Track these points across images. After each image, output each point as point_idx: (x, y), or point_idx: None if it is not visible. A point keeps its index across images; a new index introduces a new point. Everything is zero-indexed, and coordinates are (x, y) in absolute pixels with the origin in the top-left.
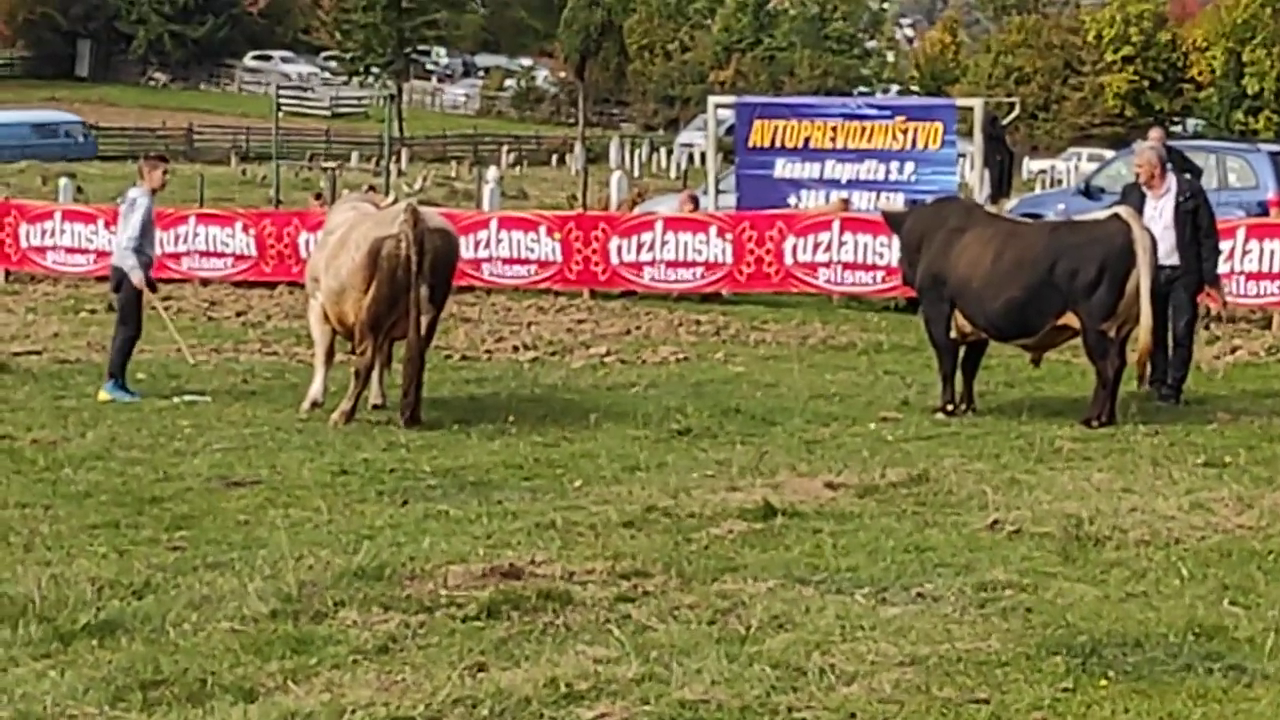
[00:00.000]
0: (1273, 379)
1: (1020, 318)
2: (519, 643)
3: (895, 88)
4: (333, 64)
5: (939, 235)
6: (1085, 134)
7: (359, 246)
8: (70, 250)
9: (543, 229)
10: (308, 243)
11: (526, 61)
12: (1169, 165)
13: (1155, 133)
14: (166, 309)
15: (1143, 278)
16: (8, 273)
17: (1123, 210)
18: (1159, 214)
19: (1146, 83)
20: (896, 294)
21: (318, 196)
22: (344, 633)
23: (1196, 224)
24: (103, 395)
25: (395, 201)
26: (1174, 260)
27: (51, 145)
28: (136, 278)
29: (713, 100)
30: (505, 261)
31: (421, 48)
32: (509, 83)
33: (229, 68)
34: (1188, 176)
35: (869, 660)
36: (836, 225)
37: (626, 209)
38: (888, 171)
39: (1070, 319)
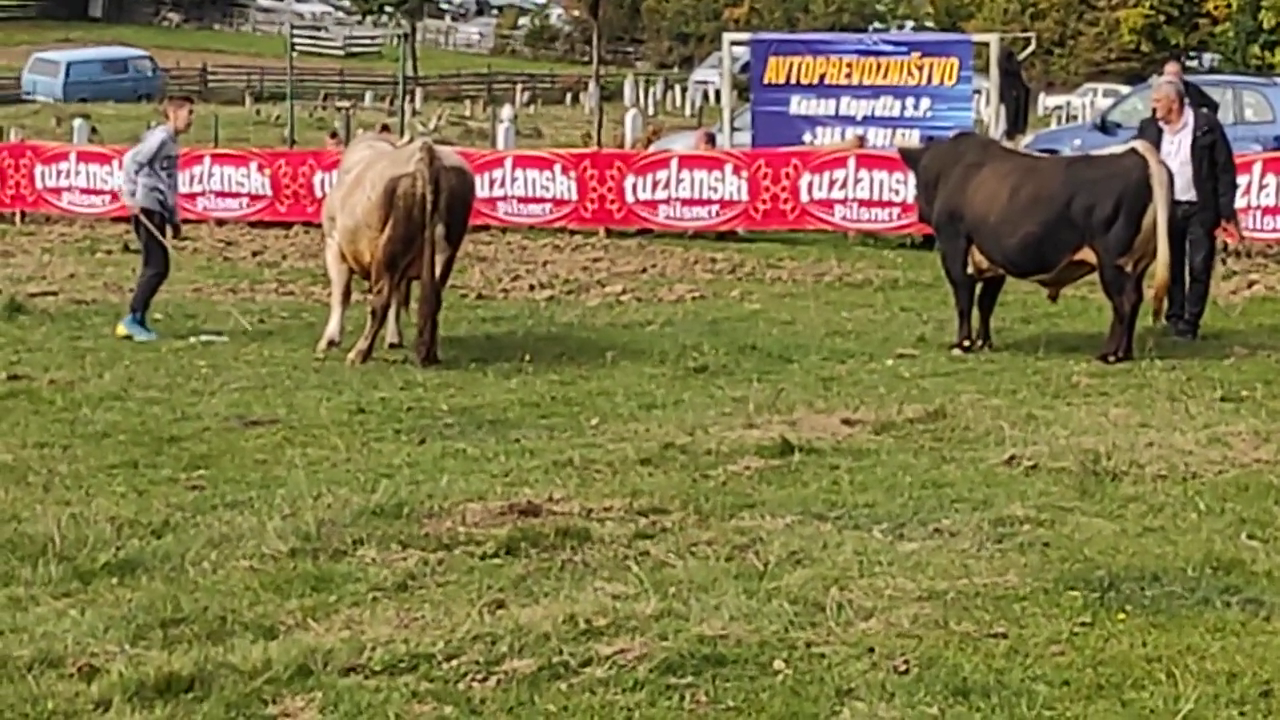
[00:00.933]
0: None
1: (1037, 253)
2: (537, 580)
3: (910, 23)
4: (346, 3)
5: (955, 171)
6: (1101, 69)
7: (375, 185)
8: (85, 191)
9: (558, 167)
10: (323, 182)
11: (540, 0)
12: (1186, 100)
13: (1171, 67)
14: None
15: (1160, 213)
16: (23, 213)
17: (1139, 145)
18: (1176, 149)
19: (1162, 17)
20: (912, 230)
21: (333, 135)
22: (363, 570)
23: (1213, 159)
24: (120, 329)
25: (411, 141)
26: (1191, 195)
27: (122, 82)
28: (129, 202)
29: (728, 37)
30: (520, 200)
31: None
32: (523, 21)
33: (243, 7)
34: (1205, 111)
35: (887, 595)
36: (852, 162)
37: (642, 147)
38: (903, 108)
39: (1087, 254)
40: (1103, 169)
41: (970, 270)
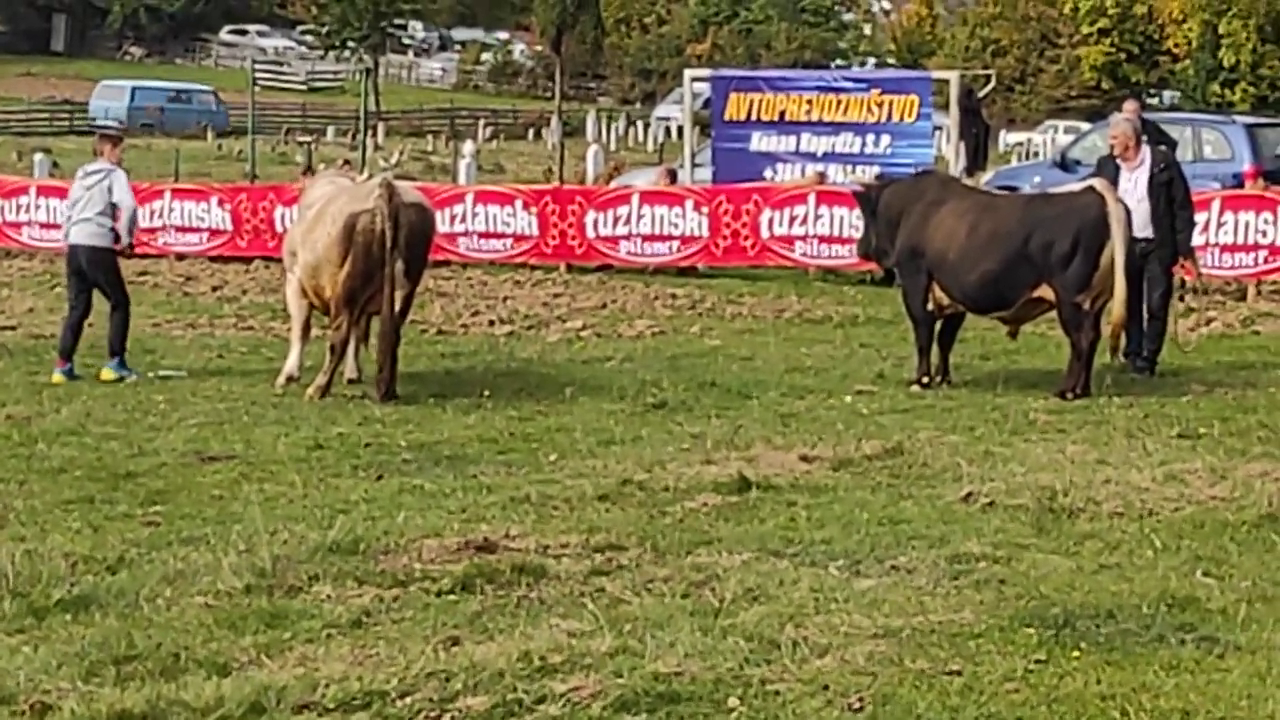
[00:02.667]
0: (1247, 350)
1: (995, 290)
2: (493, 616)
3: (872, 60)
4: (309, 38)
5: (917, 208)
6: (1061, 106)
7: (334, 221)
8: (45, 225)
9: (519, 203)
10: (284, 217)
11: (503, 35)
12: (1143, 137)
13: (1130, 105)
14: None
15: (1117, 250)
16: None
17: (1097, 182)
18: (1134, 186)
19: (1123, 55)
20: (872, 267)
21: (306, 171)
22: (318, 607)
23: (1171, 196)
24: (106, 374)
25: (371, 177)
26: (1148, 233)
27: (186, 113)
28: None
29: (689, 74)
30: (481, 235)
31: (398, 21)
32: (485, 56)
33: (205, 42)
34: (1162, 148)
35: (842, 632)
36: (812, 198)
37: (603, 183)
38: (863, 144)
39: (1045, 291)
40: (1060, 206)
41: (931, 307)
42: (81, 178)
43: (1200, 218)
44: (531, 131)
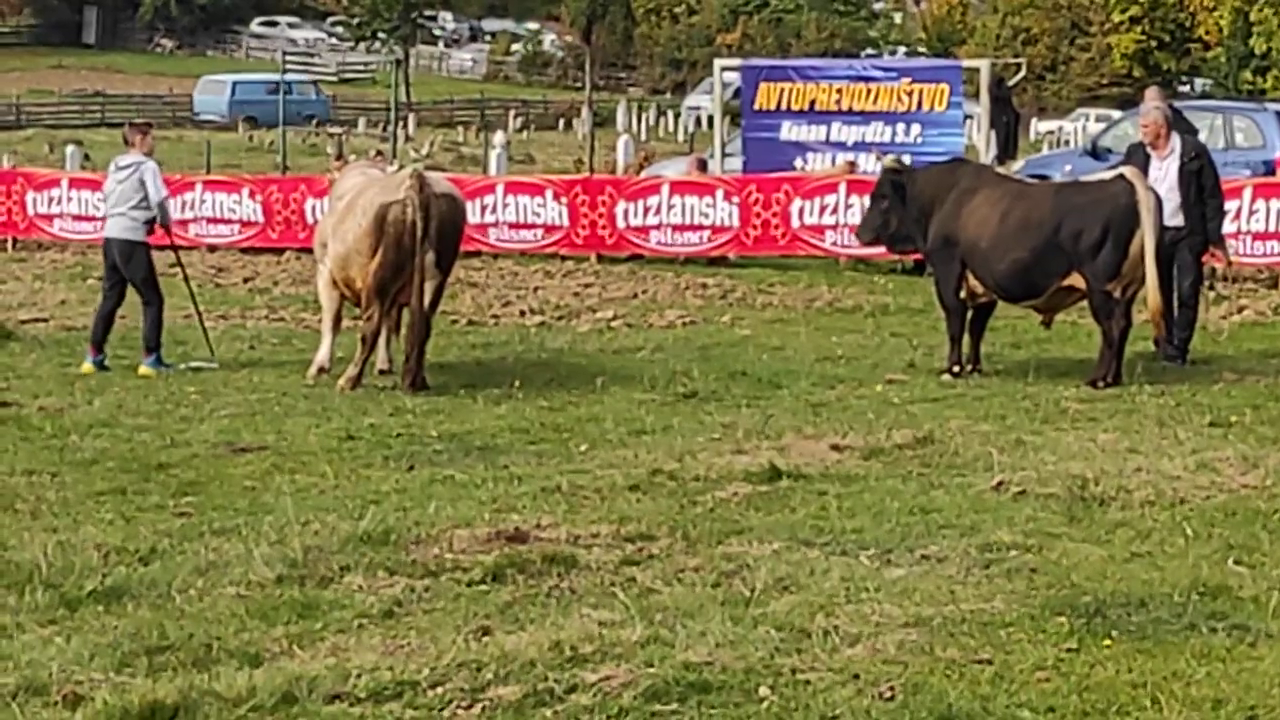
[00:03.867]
0: (1278, 338)
1: (1026, 279)
2: (524, 606)
3: (902, 49)
4: (339, 29)
5: (950, 196)
6: (1092, 94)
7: (365, 212)
8: (77, 218)
9: (549, 193)
10: (314, 209)
11: (533, 25)
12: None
13: (1152, 92)
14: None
15: (1147, 238)
16: (15, 240)
17: (1127, 170)
18: (1164, 175)
19: (1154, 43)
20: (904, 257)
21: (338, 157)
22: (349, 597)
23: (1201, 184)
24: (144, 370)
25: (401, 168)
26: (1179, 221)
27: (286, 105)
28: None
29: (719, 63)
30: (512, 226)
31: (428, 12)
32: (515, 47)
33: (235, 34)
34: (1192, 137)
35: (873, 622)
36: (843, 187)
37: (634, 173)
38: (894, 133)
39: (1076, 280)
40: (1091, 194)
41: (964, 296)
42: (114, 171)
43: (1231, 205)
44: (562, 122)
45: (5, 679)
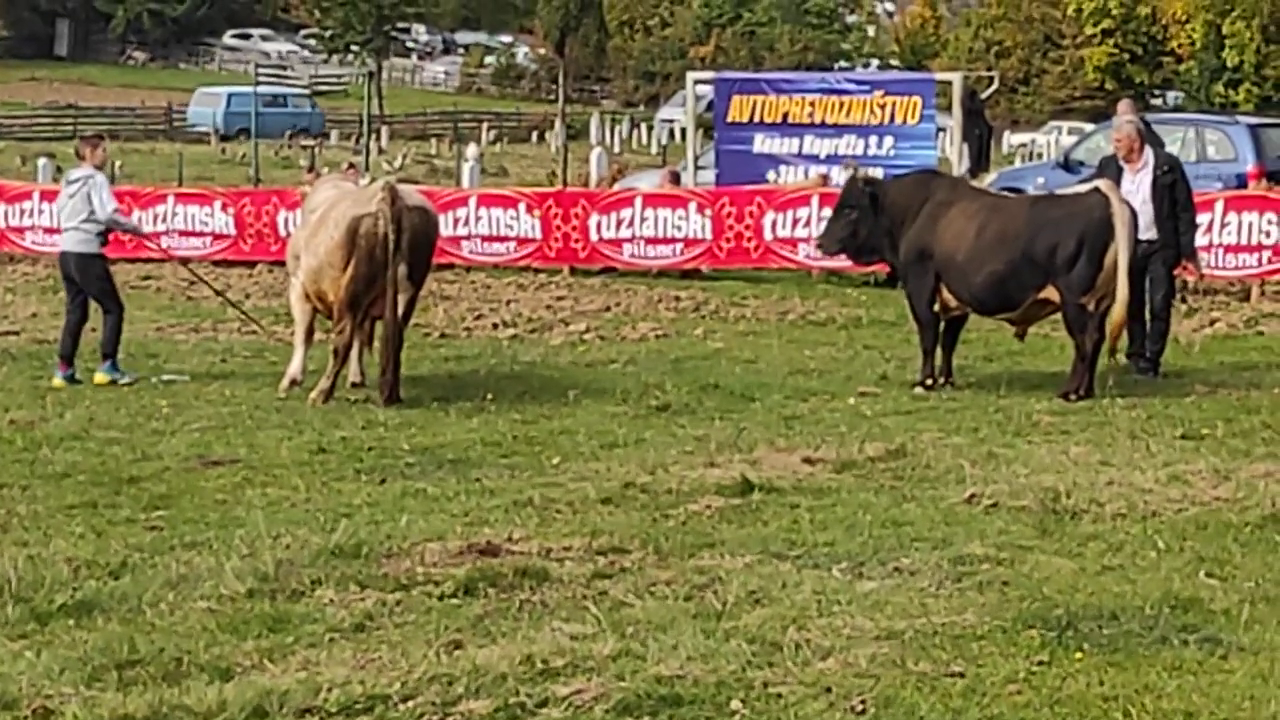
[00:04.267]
0: (1250, 351)
1: (1003, 292)
2: (495, 620)
3: (875, 62)
4: (312, 42)
5: (924, 209)
6: (1065, 107)
7: (337, 225)
8: (49, 230)
9: (522, 206)
10: (287, 221)
11: (506, 38)
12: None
13: (1125, 104)
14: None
15: (1121, 251)
16: None
17: (1102, 184)
18: (1136, 188)
19: (1126, 56)
20: (876, 269)
21: (310, 169)
22: (320, 611)
23: (1174, 198)
24: (99, 377)
25: (375, 180)
26: (1152, 234)
27: (281, 117)
28: (144, 230)
29: (692, 76)
30: (485, 239)
31: (401, 25)
32: (489, 60)
33: (208, 46)
34: (1166, 151)
35: (845, 635)
36: (815, 200)
37: (606, 185)
38: (866, 146)
39: (1051, 293)
40: (1065, 208)
41: (937, 309)
42: (65, 185)
43: (1204, 218)
44: (535, 134)
45: None
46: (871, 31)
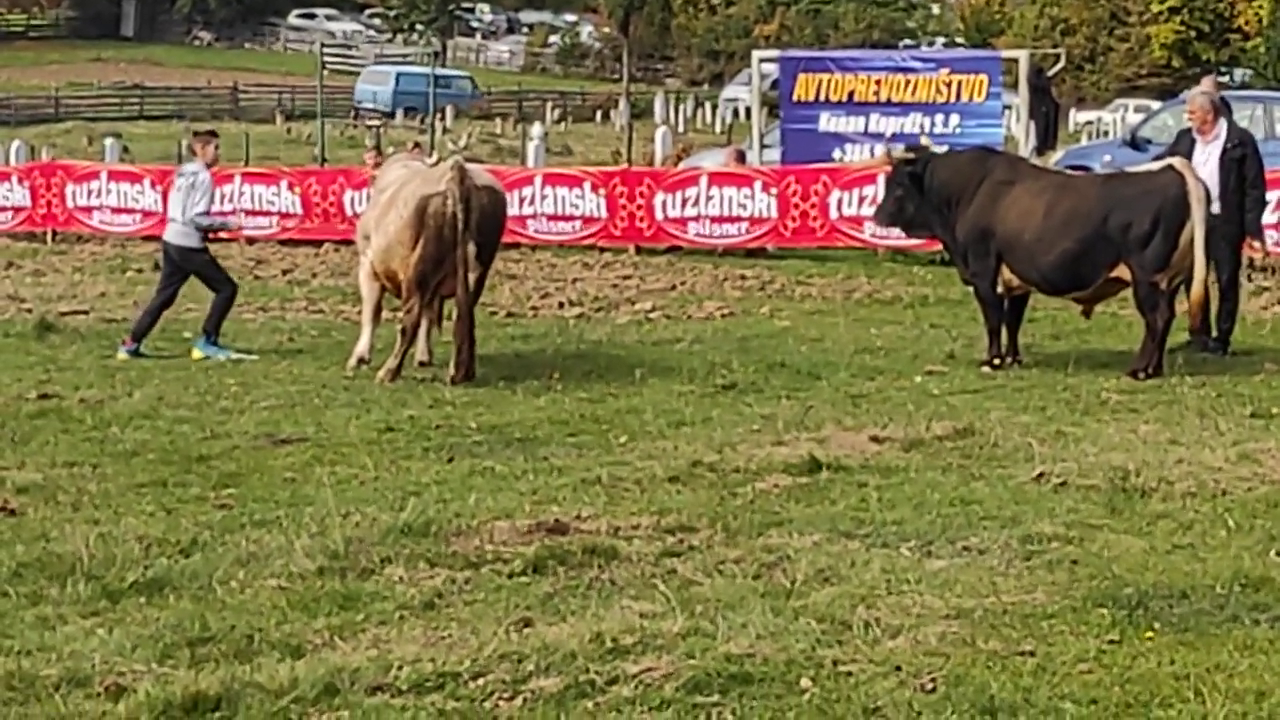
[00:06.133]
0: None
1: (1074, 270)
2: (564, 598)
3: (941, 40)
4: (377, 21)
5: (983, 188)
6: (1132, 85)
7: (407, 204)
8: (116, 210)
9: (587, 185)
10: (353, 201)
11: (571, 17)
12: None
13: (1207, 80)
14: None
15: (1197, 230)
16: (55, 232)
17: (1177, 161)
18: (1205, 159)
19: (1193, 33)
20: (941, 247)
21: (374, 150)
22: (390, 589)
23: (1243, 173)
24: (196, 353)
25: (441, 160)
26: (1215, 208)
27: (444, 97)
28: (232, 225)
29: (757, 55)
30: (550, 218)
31: (465, 4)
32: (553, 39)
33: (273, 26)
34: (1240, 125)
35: (914, 613)
36: (881, 179)
37: (671, 164)
38: (933, 124)
39: (1123, 271)
40: (1140, 185)
41: (999, 288)
42: (177, 177)
43: (1273, 196)
44: (599, 113)
45: (48, 670)
46: (936, 9)
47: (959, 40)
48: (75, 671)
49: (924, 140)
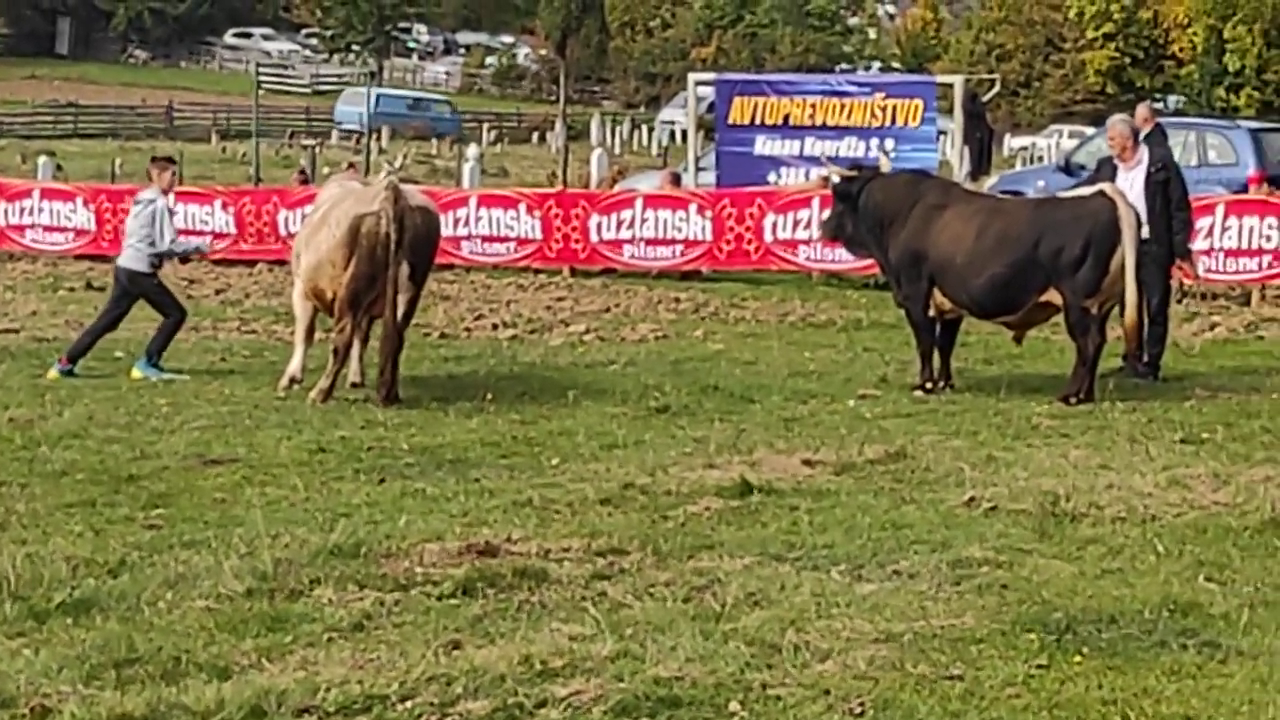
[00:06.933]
0: (1251, 355)
1: (1004, 294)
2: (494, 620)
3: (877, 65)
4: (313, 41)
5: (916, 211)
6: (1066, 111)
7: (339, 223)
8: (49, 229)
9: (522, 206)
10: (287, 220)
11: (507, 39)
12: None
13: (1142, 108)
14: None
15: (1128, 255)
16: None
17: (1108, 187)
18: (1130, 185)
19: (1128, 59)
20: (876, 271)
21: (301, 172)
22: (319, 611)
23: (1167, 196)
24: (135, 373)
25: (380, 179)
26: (1144, 234)
27: (421, 119)
28: (205, 248)
29: (693, 77)
30: (485, 239)
31: (402, 25)
32: (490, 60)
33: (209, 45)
34: (1160, 150)
35: (844, 637)
36: (816, 202)
37: (607, 186)
38: (868, 148)
39: (1053, 296)
40: (1071, 210)
41: (931, 312)
42: (134, 203)
43: (1205, 222)
44: (536, 135)
45: None
46: (873, 34)
47: (895, 65)
48: (1, 692)
49: (883, 161)
